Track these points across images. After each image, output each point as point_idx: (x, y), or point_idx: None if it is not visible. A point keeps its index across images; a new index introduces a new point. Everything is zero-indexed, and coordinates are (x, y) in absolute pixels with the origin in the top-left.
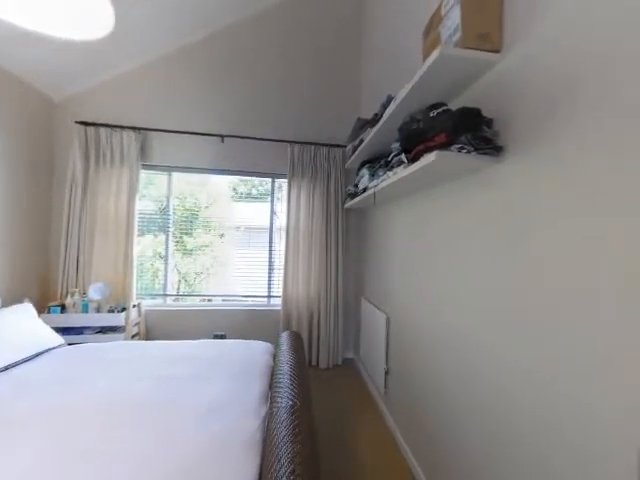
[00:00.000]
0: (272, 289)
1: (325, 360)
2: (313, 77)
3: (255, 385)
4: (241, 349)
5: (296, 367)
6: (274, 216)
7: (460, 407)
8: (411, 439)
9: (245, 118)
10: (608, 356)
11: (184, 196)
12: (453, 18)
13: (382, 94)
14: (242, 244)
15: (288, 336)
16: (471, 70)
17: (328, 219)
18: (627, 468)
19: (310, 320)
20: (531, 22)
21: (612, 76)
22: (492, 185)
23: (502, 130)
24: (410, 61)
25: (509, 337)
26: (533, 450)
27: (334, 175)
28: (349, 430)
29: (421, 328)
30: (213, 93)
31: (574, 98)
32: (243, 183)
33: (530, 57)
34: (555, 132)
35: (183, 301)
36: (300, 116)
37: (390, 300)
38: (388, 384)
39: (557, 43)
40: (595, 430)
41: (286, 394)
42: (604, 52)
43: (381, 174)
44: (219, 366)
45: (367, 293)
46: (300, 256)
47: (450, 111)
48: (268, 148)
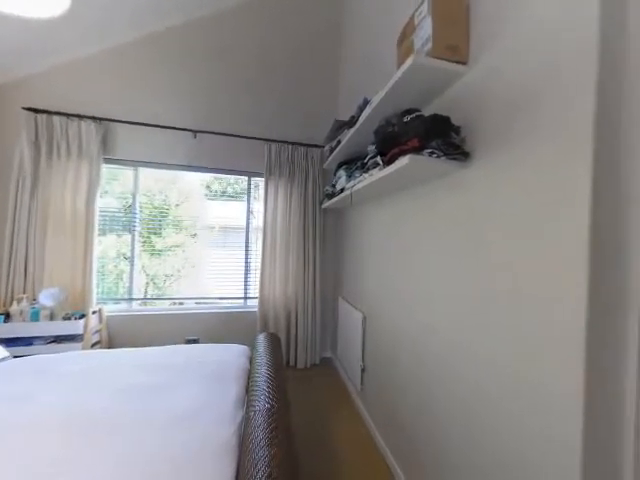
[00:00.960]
0: (249, 290)
1: (303, 360)
2: (291, 76)
3: (230, 390)
4: (215, 353)
5: (273, 369)
6: (251, 215)
7: (433, 400)
8: (386, 432)
9: (220, 114)
10: (564, 346)
11: (152, 193)
12: (425, 28)
13: (359, 96)
14: (217, 244)
15: (265, 338)
16: (441, 79)
17: (306, 219)
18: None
19: (288, 321)
20: (493, 38)
21: (564, 91)
22: (459, 189)
23: (469, 137)
24: (385, 66)
25: (479, 333)
26: (509, 442)
27: (312, 175)
28: (327, 428)
29: (395, 326)
30: (186, 86)
31: (530, 110)
32: (217, 181)
33: (492, 70)
34: (514, 141)
35: (151, 305)
36: (277, 114)
37: (366, 299)
38: (364, 381)
39: (515, 58)
40: (556, 417)
41: (263, 397)
42: (555, 68)
43: (358, 175)
44: (191, 372)
45: (344, 293)
46: (277, 256)
47: (423, 117)
48: (244, 146)
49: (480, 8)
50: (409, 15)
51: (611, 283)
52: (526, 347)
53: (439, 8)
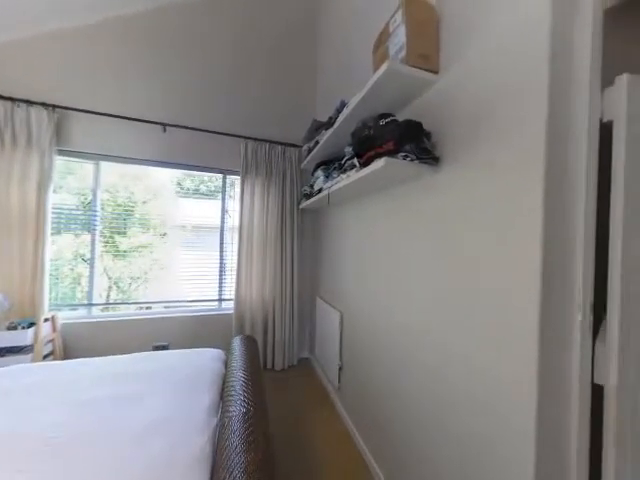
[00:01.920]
0: (224, 292)
1: (280, 362)
2: (268, 74)
3: (204, 396)
4: (187, 359)
5: (250, 372)
6: (226, 215)
7: (407, 395)
8: (364, 429)
9: (193, 108)
10: (527, 337)
11: (116, 190)
12: (399, 36)
13: (336, 97)
14: (189, 244)
15: (241, 340)
16: (414, 86)
17: (283, 219)
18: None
19: (265, 322)
20: (460, 52)
21: (519, 104)
22: (431, 191)
23: (439, 143)
24: (362, 69)
25: (450, 329)
26: (477, 429)
27: (290, 175)
28: (305, 429)
29: (372, 323)
30: (156, 75)
31: (491, 120)
32: (190, 178)
33: (459, 81)
34: (478, 148)
35: (115, 311)
36: (254, 112)
37: (344, 298)
38: (342, 379)
39: (478, 72)
40: (516, 400)
41: (239, 402)
42: (511, 84)
43: (335, 176)
44: (159, 380)
45: (322, 292)
46: (254, 257)
47: (397, 121)
48: (219, 142)
49: (449, 23)
50: (384, 20)
51: (559, 277)
52: (491, 339)
53: (412, 18)
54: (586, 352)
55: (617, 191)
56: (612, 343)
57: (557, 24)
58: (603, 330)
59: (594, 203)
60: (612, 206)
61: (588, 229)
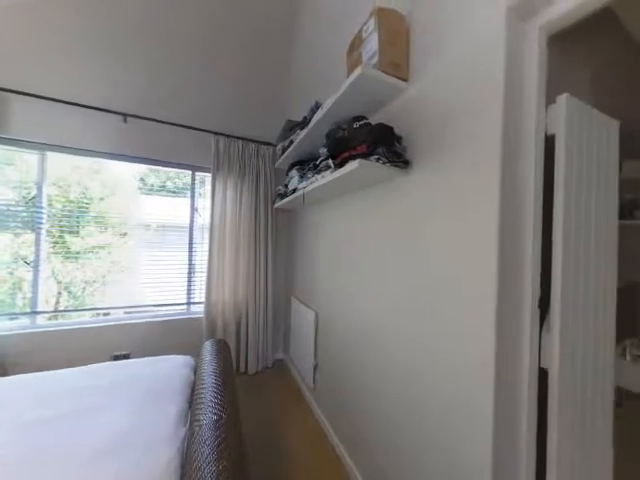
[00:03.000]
0: (193, 295)
1: (254, 364)
2: (242, 69)
3: (170, 406)
4: (151, 368)
5: (221, 377)
6: (195, 213)
7: (379, 389)
8: (338, 426)
9: (159, 98)
10: (478, 326)
11: (68, 184)
12: (372, 43)
13: (311, 97)
14: (154, 245)
15: (212, 345)
16: (386, 92)
17: (257, 218)
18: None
19: (238, 325)
20: (427, 62)
21: (478, 115)
22: (402, 193)
23: (409, 147)
24: (336, 71)
25: (422, 323)
26: (448, 421)
27: (264, 173)
28: (280, 431)
29: (346, 321)
30: (117, 61)
31: (455, 127)
32: (154, 174)
33: (427, 90)
34: (443, 153)
35: (65, 319)
36: (227, 108)
37: (319, 297)
38: (317, 378)
39: (443, 82)
40: (477, 385)
41: (210, 409)
42: (472, 95)
43: (310, 176)
44: (119, 393)
45: (297, 292)
46: (226, 257)
47: (370, 125)
48: (188, 137)
49: (418, 35)
50: (359, 23)
51: (512, 274)
52: (457, 331)
53: (384, 26)
54: (534, 340)
55: (558, 196)
56: (555, 332)
57: (510, 46)
58: (548, 321)
59: (541, 206)
60: (555, 210)
61: (536, 230)
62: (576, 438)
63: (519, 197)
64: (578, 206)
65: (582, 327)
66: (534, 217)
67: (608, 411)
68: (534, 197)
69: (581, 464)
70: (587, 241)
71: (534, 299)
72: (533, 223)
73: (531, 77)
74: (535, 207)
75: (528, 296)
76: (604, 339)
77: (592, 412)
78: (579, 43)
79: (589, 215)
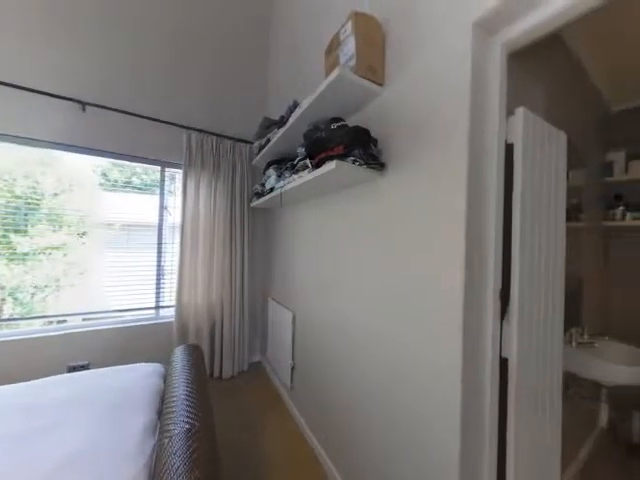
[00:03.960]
0: (162, 298)
1: (230, 368)
2: (217, 63)
3: (136, 419)
4: (114, 378)
5: (194, 385)
6: (165, 212)
7: (357, 388)
8: (316, 427)
9: (124, 87)
10: (448, 320)
11: (13, 178)
12: (349, 46)
13: (289, 96)
14: (118, 245)
15: (183, 351)
16: (362, 95)
17: (233, 217)
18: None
19: (211, 329)
20: (401, 69)
21: (447, 123)
22: (377, 194)
23: (384, 150)
24: (314, 71)
25: (396, 320)
26: (421, 411)
27: (240, 171)
28: (257, 434)
29: (323, 321)
30: (75, 43)
31: (426, 133)
32: (118, 169)
33: (401, 95)
34: (417, 157)
35: (11, 328)
36: (201, 102)
37: (296, 298)
38: (294, 379)
39: (415, 90)
40: (445, 380)
41: (181, 418)
42: (441, 104)
43: (288, 176)
44: (76, 408)
45: (274, 293)
46: (199, 258)
47: (347, 127)
48: (157, 130)
49: (392, 42)
50: (337, 24)
51: (477, 271)
52: (428, 326)
53: (361, 31)
54: (496, 331)
55: (517, 199)
56: (514, 323)
57: (475, 60)
58: (508, 313)
59: (502, 207)
60: (513, 211)
61: (498, 228)
62: (531, 419)
63: (484, 199)
64: (533, 209)
65: (536, 318)
66: (496, 217)
67: (558, 394)
68: (496, 199)
69: (535, 442)
70: (540, 240)
71: (495, 292)
72: (495, 223)
73: (493, 90)
74: (497, 208)
75: (490, 290)
76: (554, 328)
77: (545, 395)
78: (534, 61)
79: (542, 217)
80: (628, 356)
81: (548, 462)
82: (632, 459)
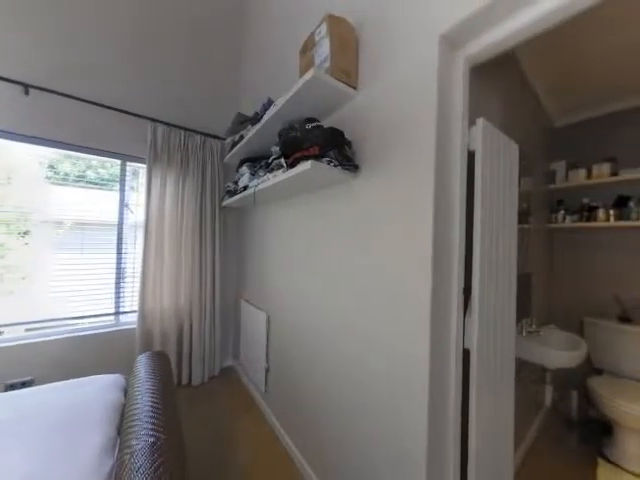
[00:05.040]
0: (122, 303)
1: (200, 375)
2: (187, 52)
3: (91, 438)
4: (64, 394)
5: (159, 394)
6: (126, 209)
7: (332, 386)
8: (292, 429)
9: (76, 70)
10: (421, 318)
11: None
12: (324, 47)
13: (263, 93)
14: (69, 246)
15: (147, 359)
16: (337, 97)
17: (203, 216)
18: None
19: (179, 334)
20: (373, 75)
21: (416, 130)
22: (351, 195)
23: (358, 152)
24: (289, 69)
25: (369, 317)
26: (392, 403)
27: (210, 168)
28: (230, 441)
29: (298, 321)
30: (16, 16)
31: (396, 138)
32: (69, 161)
33: (373, 100)
34: (388, 160)
35: None
36: (168, 92)
37: (270, 299)
38: (269, 382)
39: (386, 96)
40: (414, 372)
41: (144, 432)
42: (410, 112)
43: (262, 174)
44: (17, 431)
45: (247, 294)
46: (165, 259)
47: (322, 128)
48: (117, 120)
49: (365, 47)
50: (311, 22)
51: (443, 268)
52: (400, 322)
53: (335, 33)
54: (459, 324)
55: (477, 202)
56: (474, 316)
57: (442, 70)
58: (470, 306)
59: (465, 209)
60: (474, 213)
61: (461, 229)
62: (489, 401)
63: (449, 203)
64: (491, 211)
65: (493, 311)
66: (460, 219)
67: (511, 378)
68: (460, 203)
69: (493, 422)
70: (496, 240)
71: (459, 289)
72: (459, 224)
73: (457, 100)
74: (461, 211)
75: (455, 287)
76: (508, 320)
77: (500, 381)
78: (491, 76)
79: (498, 219)
80: (567, 342)
81: (504, 439)
82: (571, 433)
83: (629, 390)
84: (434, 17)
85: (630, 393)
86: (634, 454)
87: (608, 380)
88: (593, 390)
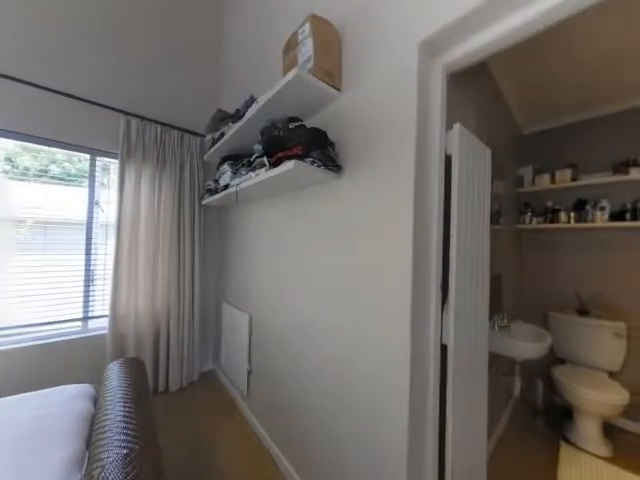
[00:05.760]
0: (91, 308)
1: (178, 380)
2: (164, 43)
3: (55, 452)
4: (27, 407)
5: (132, 403)
6: (96, 207)
7: (315, 386)
8: (275, 431)
9: (41, 58)
10: (395, 312)
11: None
12: (307, 47)
13: (245, 89)
14: (31, 247)
15: (120, 366)
16: (320, 97)
17: (181, 215)
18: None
19: (156, 338)
20: (355, 78)
21: (398, 134)
22: (335, 196)
23: (341, 152)
24: (272, 67)
25: (351, 318)
26: (374, 402)
27: (190, 165)
28: (211, 448)
29: (281, 322)
30: None
31: (378, 141)
32: (30, 154)
33: (356, 102)
34: (370, 162)
35: None
36: (143, 85)
37: (253, 300)
38: (251, 384)
39: (368, 99)
40: (394, 367)
41: (117, 443)
42: (391, 115)
43: (244, 173)
44: None
45: (229, 296)
46: (140, 260)
47: (305, 127)
48: (86, 112)
49: (348, 49)
50: (294, 22)
51: (422, 266)
52: (382, 321)
53: (318, 34)
54: (438, 321)
55: (454, 203)
56: (451, 313)
57: (421, 76)
58: (447, 303)
59: (442, 210)
60: (451, 213)
61: (439, 229)
62: (465, 393)
63: (428, 204)
64: (466, 212)
65: (468, 308)
66: (438, 219)
67: (484, 371)
68: (438, 204)
69: (468, 410)
70: (471, 239)
71: (437, 286)
72: (437, 224)
73: (436, 105)
74: (439, 212)
75: (434, 284)
76: (482, 315)
77: (475, 374)
78: (468, 84)
79: (473, 220)
80: (533, 335)
81: (478, 431)
82: (537, 419)
83: (587, 377)
84: (414, 24)
85: (588, 380)
86: (591, 436)
87: (570, 369)
88: (556, 378)
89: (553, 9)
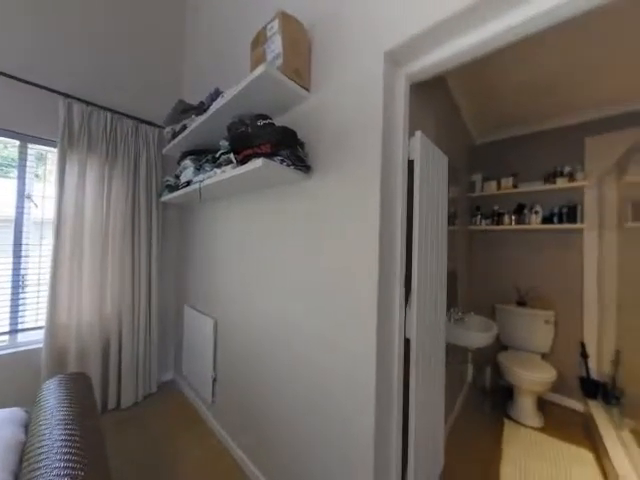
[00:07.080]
0: (20, 319)
1: (132, 394)
2: (119, 21)
3: None
4: None
5: (75, 424)
6: (27, 202)
7: (284, 388)
8: (242, 438)
9: None
10: (365, 312)
11: None
12: (276, 43)
13: (209, 81)
14: None
15: (58, 384)
16: (289, 96)
17: (136, 213)
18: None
19: (104, 350)
20: (324, 80)
21: (365, 138)
22: (304, 196)
23: (310, 153)
24: (239, 60)
25: (320, 317)
26: (343, 399)
27: (146, 159)
28: (172, 464)
29: (249, 325)
30: None
31: (347, 144)
32: None
33: (324, 104)
34: (339, 164)
35: None
36: (90, 65)
37: (218, 303)
38: (216, 392)
39: (336, 103)
40: (362, 365)
41: (55, 472)
42: (360, 120)
43: (208, 169)
44: None
45: (192, 300)
46: (85, 263)
47: (275, 126)
48: (14, 91)
49: (317, 50)
50: (263, 15)
51: (387, 263)
52: (350, 319)
53: (287, 32)
54: (402, 316)
55: (416, 206)
56: (414, 308)
57: (386, 84)
58: (410, 299)
59: (406, 212)
60: (414, 215)
61: (403, 230)
62: (426, 381)
63: (392, 206)
64: (427, 213)
65: (429, 303)
66: (401, 220)
67: (442, 360)
68: (402, 206)
69: (428, 401)
70: (431, 239)
71: (401, 284)
72: (401, 225)
73: (400, 112)
74: (402, 213)
75: (397, 282)
76: (440, 310)
77: (434, 364)
78: (428, 95)
79: (432, 221)
80: (481, 325)
81: (436, 417)
82: (485, 400)
83: (524, 360)
84: (380, 34)
85: (524, 362)
86: (527, 410)
87: (511, 354)
88: (500, 363)
89: (506, 30)
